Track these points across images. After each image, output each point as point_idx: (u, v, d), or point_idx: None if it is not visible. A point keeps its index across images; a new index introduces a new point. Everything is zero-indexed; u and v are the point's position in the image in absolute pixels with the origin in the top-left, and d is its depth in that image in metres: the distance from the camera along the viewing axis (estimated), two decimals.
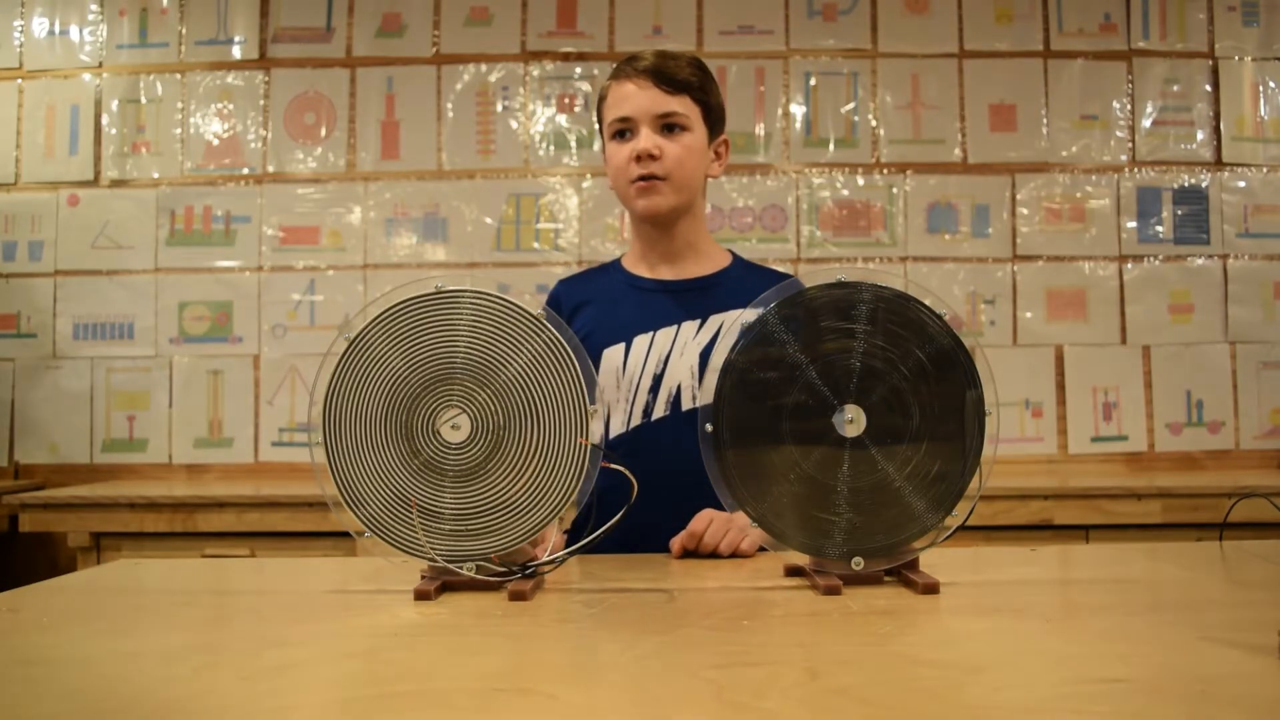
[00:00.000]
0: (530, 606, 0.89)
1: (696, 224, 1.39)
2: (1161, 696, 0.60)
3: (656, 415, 1.32)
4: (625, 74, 1.33)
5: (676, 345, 1.33)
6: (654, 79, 1.30)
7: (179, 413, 2.64)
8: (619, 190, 1.35)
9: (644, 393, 1.33)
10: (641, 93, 1.30)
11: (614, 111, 1.32)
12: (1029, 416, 2.61)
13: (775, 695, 0.61)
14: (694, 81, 1.32)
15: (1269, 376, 2.61)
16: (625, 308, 1.36)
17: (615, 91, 1.33)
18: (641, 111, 1.30)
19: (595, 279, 1.45)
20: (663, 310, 1.35)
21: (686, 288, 1.37)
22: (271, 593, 1.02)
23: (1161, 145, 2.66)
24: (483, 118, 2.68)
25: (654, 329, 1.34)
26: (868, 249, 2.65)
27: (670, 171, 1.30)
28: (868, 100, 2.68)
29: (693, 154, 1.32)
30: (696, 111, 1.33)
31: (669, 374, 1.32)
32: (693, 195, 1.35)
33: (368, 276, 2.66)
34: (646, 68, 1.30)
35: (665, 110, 1.30)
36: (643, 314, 1.35)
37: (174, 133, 2.69)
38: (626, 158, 1.30)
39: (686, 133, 1.31)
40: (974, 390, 0.96)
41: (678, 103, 1.31)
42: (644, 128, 1.30)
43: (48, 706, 0.62)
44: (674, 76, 1.30)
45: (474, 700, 0.62)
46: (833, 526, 0.96)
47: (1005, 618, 0.83)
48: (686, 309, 1.35)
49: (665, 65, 1.31)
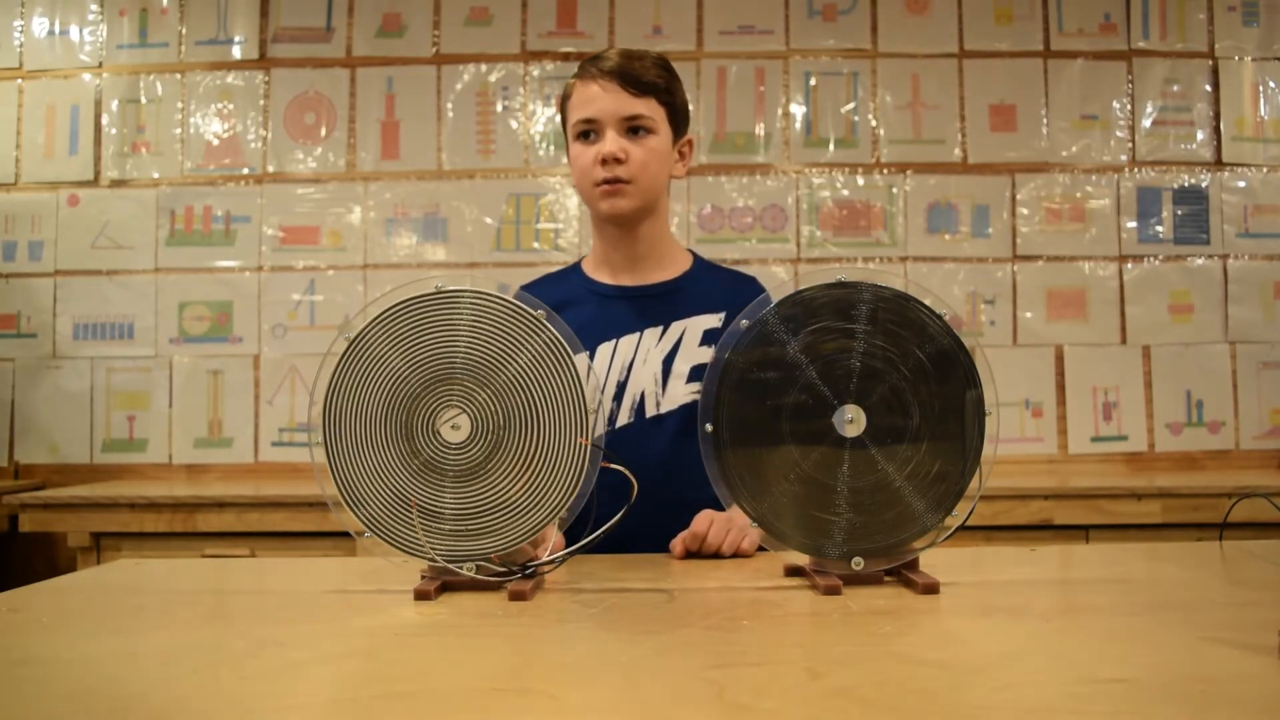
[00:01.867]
0: (530, 606, 0.89)
1: (660, 225, 1.39)
2: (1161, 696, 0.60)
3: (621, 423, 1.32)
4: (590, 74, 1.31)
5: (639, 353, 1.33)
6: (620, 80, 1.28)
7: (179, 413, 2.64)
8: (583, 191, 1.35)
9: (608, 400, 1.33)
10: (606, 95, 1.29)
11: (578, 112, 1.31)
12: (1029, 416, 2.61)
13: (775, 695, 0.61)
14: (660, 83, 1.31)
15: (1269, 376, 2.61)
16: (587, 315, 1.35)
17: (580, 92, 1.31)
18: (607, 114, 1.29)
19: (557, 284, 1.44)
20: (625, 318, 1.35)
21: (648, 294, 1.37)
22: (271, 593, 1.02)
23: (1161, 145, 2.66)
24: (483, 118, 2.68)
25: (616, 337, 1.34)
26: (868, 249, 2.65)
27: (635, 175, 1.29)
28: (868, 100, 2.68)
29: (657, 157, 1.31)
30: (662, 113, 1.32)
31: (632, 381, 1.32)
32: (657, 197, 1.35)
33: (368, 276, 2.66)
34: (612, 69, 1.29)
35: (631, 113, 1.29)
36: (605, 322, 1.35)
37: (174, 133, 2.69)
38: (591, 160, 1.29)
39: (652, 135, 1.30)
40: (974, 390, 0.96)
41: (643, 105, 1.29)
42: (609, 130, 1.29)
43: (48, 706, 0.62)
44: (640, 78, 1.29)
45: (474, 700, 0.62)
46: (833, 526, 0.96)
47: (1005, 618, 0.83)
48: (648, 316, 1.35)
49: (631, 67, 1.29)
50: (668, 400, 1.31)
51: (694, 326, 1.34)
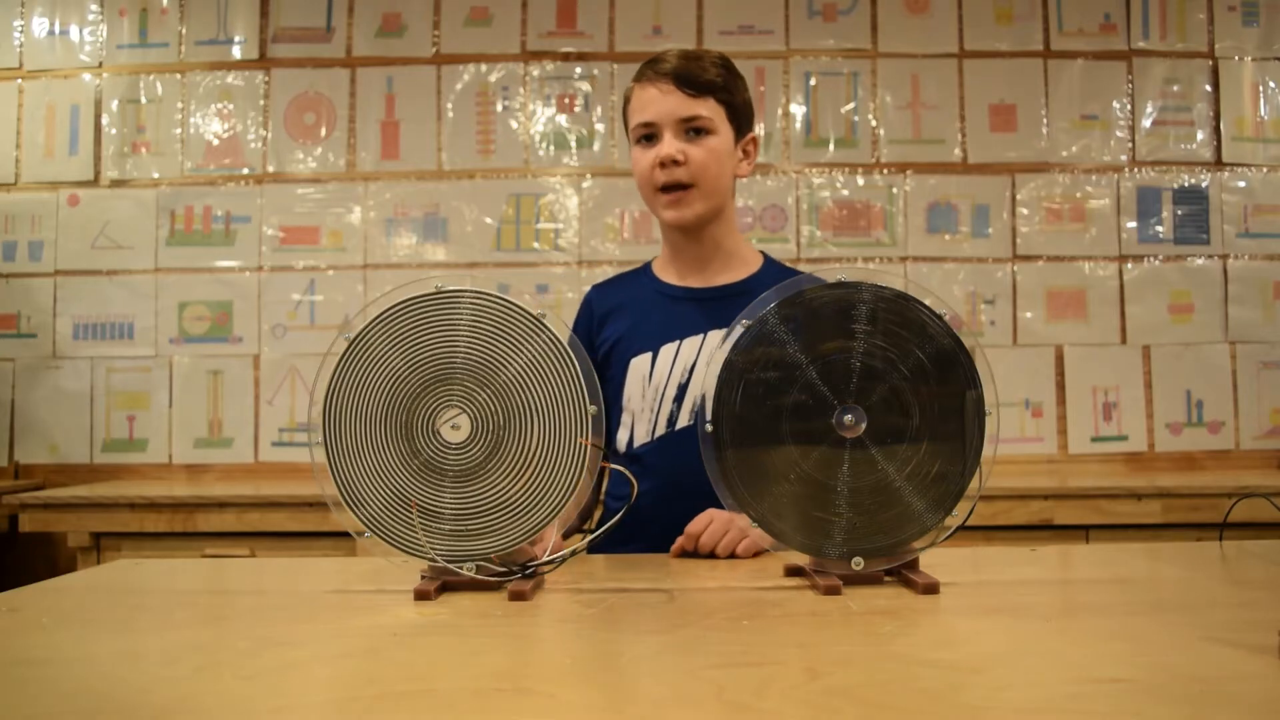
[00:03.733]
0: (530, 606, 0.89)
1: (727, 227, 1.38)
2: (1161, 696, 0.60)
3: (681, 425, 1.32)
4: (648, 77, 1.30)
5: (702, 355, 1.32)
6: (676, 82, 1.27)
7: (179, 413, 2.64)
8: (646, 197, 1.34)
9: (669, 402, 1.32)
10: (664, 97, 1.28)
11: (637, 116, 1.31)
12: (1029, 416, 2.61)
13: (775, 695, 0.61)
14: (718, 82, 1.30)
15: (1269, 376, 2.61)
16: (654, 316, 1.35)
17: (638, 95, 1.31)
18: (664, 116, 1.28)
19: (627, 285, 1.44)
20: (690, 319, 1.35)
21: (714, 296, 1.36)
22: (271, 593, 1.02)
23: (1161, 145, 2.66)
24: (483, 118, 2.68)
25: (680, 338, 1.33)
26: (868, 249, 2.65)
27: (696, 177, 1.28)
28: (868, 100, 2.68)
29: (718, 157, 1.30)
30: (721, 112, 1.30)
31: (694, 383, 1.31)
32: (722, 199, 1.33)
33: (368, 276, 2.66)
34: (669, 70, 1.28)
35: (689, 114, 1.28)
36: (670, 323, 1.35)
37: (174, 133, 2.69)
38: (650, 164, 1.29)
39: (712, 136, 1.29)
40: (974, 390, 0.96)
41: (702, 105, 1.28)
42: (667, 133, 1.28)
43: (48, 706, 0.62)
44: (697, 79, 1.28)
45: (474, 700, 0.62)
46: (833, 526, 0.96)
47: (1005, 618, 0.83)
48: (713, 318, 1.34)
49: (689, 67, 1.28)
50: None
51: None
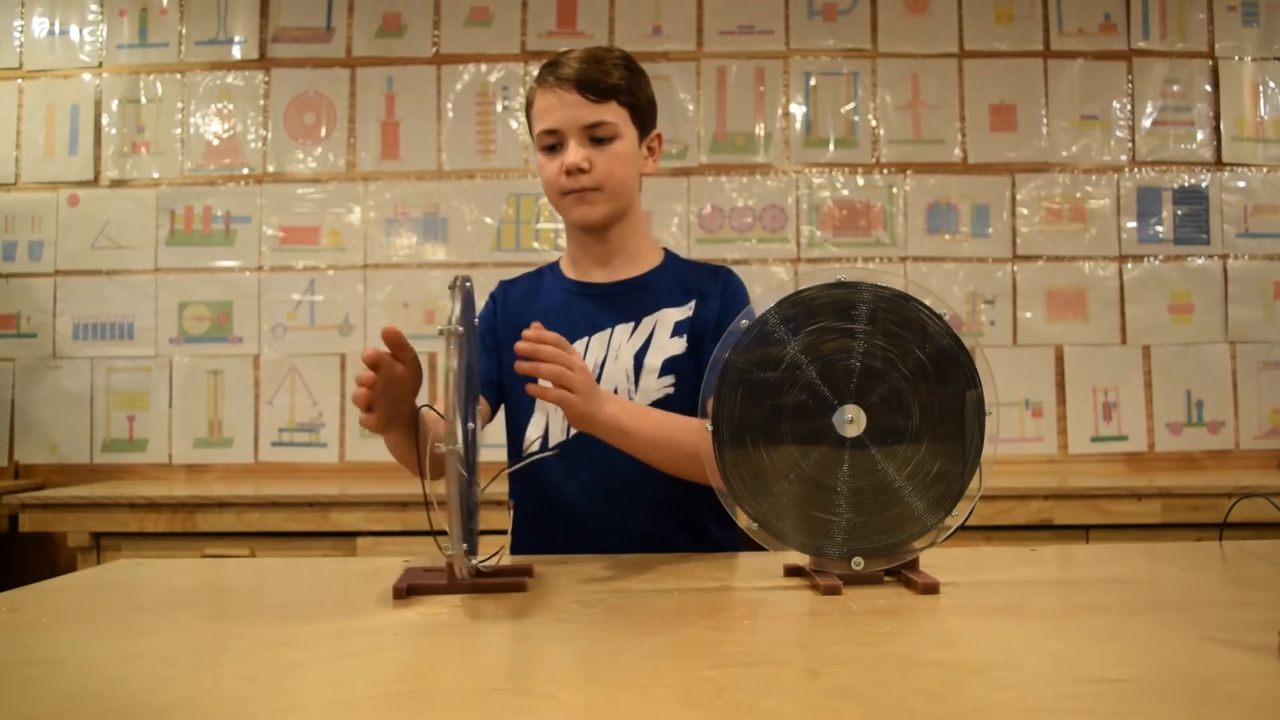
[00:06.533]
0: (530, 606, 0.89)
1: (632, 225, 1.37)
2: (1161, 696, 0.60)
3: None
4: (549, 83, 1.28)
5: (611, 349, 1.31)
6: (579, 88, 1.26)
7: (179, 413, 2.63)
8: (552, 199, 1.33)
9: None
10: (566, 104, 1.26)
11: (540, 123, 1.29)
12: (1029, 416, 2.61)
13: (775, 695, 0.61)
14: (621, 85, 1.28)
15: (1269, 376, 2.61)
16: (561, 312, 1.34)
17: (541, 101, 1.29)
18: (568, 124, 1.26)
19: (532, 282, 1.43)
20: (596, 315, 1.34)
21: (617, 290, 1.35)
22: (271, 592, 1.02)
23: (1161, 145, 2.66)
24: (483, 118, 2.68)
25: (589, 334, 1.33)
26: (868, 249, 2.65)
27: (601, 182, 1.27)
28: (868, 100, 2.68)
29: (624, 161, 1.29)
30: (625, 115, 1.29)
31: (605, 378, 1.30)
32: (628, 200, 1.33)
33: (368, 276, 2.66)
34: (570, 76, 1.26)
35: (593, 120, 1.26)
36: (577, 319, 1.34)
37: (174, 133, 2.68)
38: (556, 171, 1.28)
39: (616, 140, 1.28)
40: (974, 390, 0.96)
41: (606, 111, 1.27)
42: (571, 140, 1.27)
43: (48, 706, 0.62)
44: (600, 84, 1.26)
45: (474, 700, 0.62)
46: (832, 526, 0.96)
47: (1005, 618, 0.83)
48: (620, 312, 1.33)
49: (591, 72, 1.26)
50: (640, 395, 1.29)
51: (664, 319, 1.32)
